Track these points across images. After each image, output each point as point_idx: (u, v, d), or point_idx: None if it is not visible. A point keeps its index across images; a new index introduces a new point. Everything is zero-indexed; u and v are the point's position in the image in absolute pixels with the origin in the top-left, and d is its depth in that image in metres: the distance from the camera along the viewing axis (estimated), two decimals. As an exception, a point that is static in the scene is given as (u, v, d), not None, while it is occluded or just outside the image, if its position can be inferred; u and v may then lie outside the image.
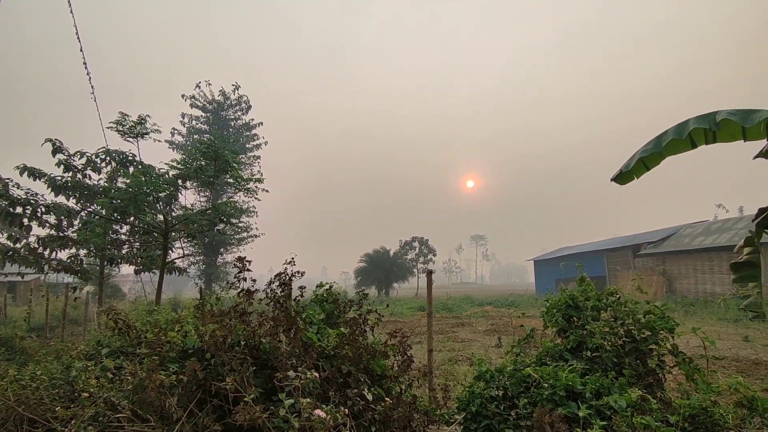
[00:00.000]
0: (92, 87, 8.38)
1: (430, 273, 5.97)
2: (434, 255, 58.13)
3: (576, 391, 3.49)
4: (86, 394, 3.15)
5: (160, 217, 10.60)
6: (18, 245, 11.03)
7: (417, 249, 57.02)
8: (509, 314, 20.40)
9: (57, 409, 3.27)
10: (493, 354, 10.05)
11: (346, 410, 2.92)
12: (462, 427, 3.90)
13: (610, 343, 4.15)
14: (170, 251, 11.28)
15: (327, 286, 4.49)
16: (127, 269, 14.80)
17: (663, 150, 4.81)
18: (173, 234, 10.99)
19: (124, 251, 12.56)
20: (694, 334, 4.47)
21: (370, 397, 3.28)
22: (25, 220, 9.77)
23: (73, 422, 3.09)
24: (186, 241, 12.34)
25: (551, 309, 5.00)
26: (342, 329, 3.84)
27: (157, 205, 10.09)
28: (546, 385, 3.58)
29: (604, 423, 3.06)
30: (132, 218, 10.62)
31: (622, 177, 5.50)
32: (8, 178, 9.27)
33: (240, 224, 32.52)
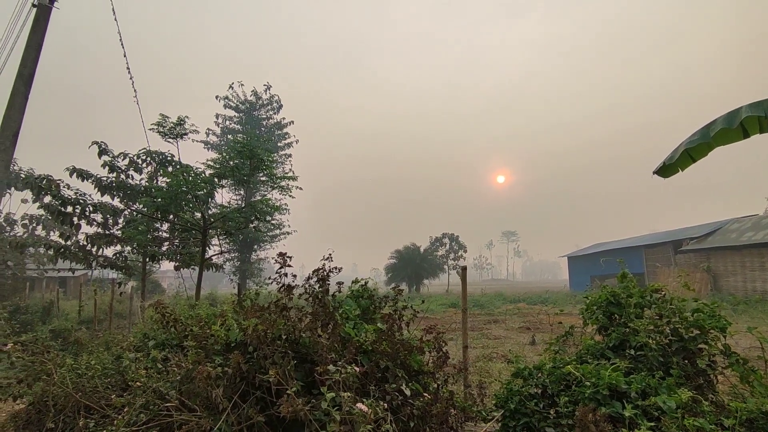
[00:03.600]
0: (135, 91, 8.75)
1: (464, 269, 5.92)
2: (464, 251, 57.53)
3: (620, 390, 3.39)
4: (138, 384, 3.30)
5: (198, 215, 10.96)
6: (69, 242, 11.68)
7: (447, 245, 56.59)
8: (543, 311, 20.01)
9: (112, 397, 3.45)
10: (528, 352, 9.89)
11: (385, 405, 2.95)
12: (500, 424, 3.86)
13: (655, 341, 4.00)
14: (208, 248, 11.66)
15: (362, 282, 4.53)
16: (166, 265, 15.41)
17: (711, 140, 4.59)
18: (211, 231, 11.34)
19: (164, 248, 13.08)
20: (746, 334, 4.26)
21: (408, 392, 3.30)
22: (75, 219, 10.33)
23: (125, 410, 3.26)
24: (223, 238, 12.71)
25: (591, 306, 4.86)
26: (379, 325, 3.87)
27: (195, 204, 10.44)
28: (588, 383, 3.49)
29: (652, 424, 2.95)
30: (172, 216, 11.04)
31: (666, 170, 5.28)
32: (59, 179, 9.80)
33: (273, 221, 33.17)
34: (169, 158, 11.69)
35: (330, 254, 4.22)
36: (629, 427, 3.03)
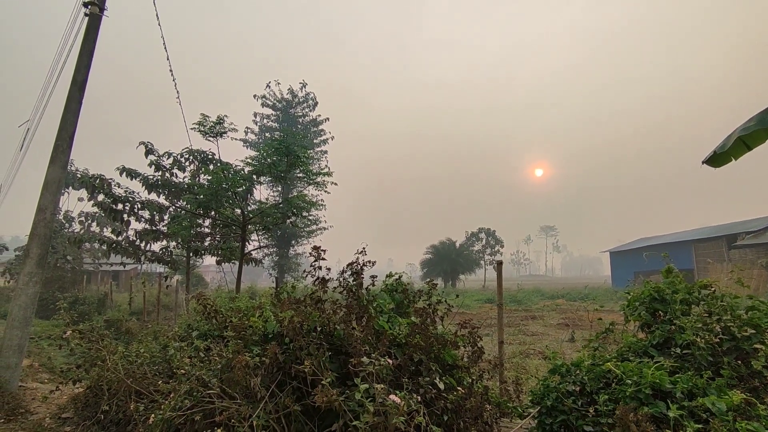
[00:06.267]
0: (177, 92, 9.12)
1: (500, 263, 5.83)
2: (501, 246, 56.54)
3: (664, 389, 3.24)
4: (183, 371, 3.47)
5: (238, 211, 11.33)
6: (120, 238, 12.38)
7: (484, 240, 55.80)
8: (583, 308, 19.39)
9: (159, 383, 3.64)
10: (566, 349, 9.63)
11: (419, 398, 2.97)
12: (536, 421, 3.79)
13: (703, 340, 3.79)
14: (247, 243, 12.03)
15: (396, 276, 4.55)
16: (209, 260, 16.01)
17: (769, 126, 4.28)
18: (250, 227, 11.70)
19: (206, 243, 13.62)
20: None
21: (441, 386, 3.30)
22: (125, 216, 10.93)
23: (171, 395, 3.44)
24: (261, 233, 13.07)
25: (633, 302, 4.67)
26: (412, 318, 3.88)
27: (235, 200, 10.80)
28: (629, 381, 3.36)
29: (699, 426, 2.81)
30: (213, 212, 11.47)
31: (717, 159, 4.96)
32: (111, 178, 10.39)
33: (309, 217, 33.78)
34: (210, 157, 12.13)
35: (364, 248, 4.25)
36: (674, 428, 2.90)
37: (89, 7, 6.94)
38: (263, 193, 33.87)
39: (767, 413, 2.92)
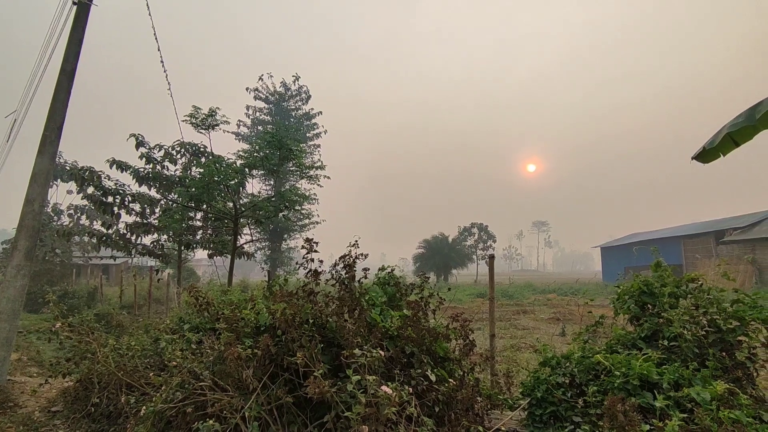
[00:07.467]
0: (169, 84, 9.01)
1: (491, 257, 5.86)
2: (494, 241, 56.82)
3: (651, 381, 3.30)
4: (174, 364, 3.46)
5: (230, 204, 11.25)
6: (110, 231, 12.25)
7: (476, 235, 56.01)
8: (574, 302, 19.59)
9: (150, 376, 3.63)
10: (557, 342, 9.73)
11: (410, 389, 2.99)
12: (526, 412, 3.84)
13: (690, 332, 3.86)
14: (239, 236, 11.97)
15: (389, 270, 4.56)
16: (200, 253, 15.87)
17: (757, 123, 4.32)
18: (242, 220, 11.63)
19: (198, 236, 13.52)
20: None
21: (433, 377, 3.32)
22: (115, 209, 10.81)
23: (163, 388, 3.43)
24: (253, 227, 13.00)
25: (622, 295, 4.73)
26: (405, 311, 3.90)
27: (227, 193, 10.72)
28: (618, 373, 3.42)
29: (684, 416, 2.87)
30: (205, 206, 11.38)
31: (706, 155, 5.01)
32: (101, 171, 10.26)
33: (302, 211, 33.63)
34: (201, 149, 12.02)
35: (356, 241, 4.26)
36: (660, 418, 2.96)
37: (78, -5, 6.81)
38: (255, 186, 33.65)
39: (749, 402, 2.99)
